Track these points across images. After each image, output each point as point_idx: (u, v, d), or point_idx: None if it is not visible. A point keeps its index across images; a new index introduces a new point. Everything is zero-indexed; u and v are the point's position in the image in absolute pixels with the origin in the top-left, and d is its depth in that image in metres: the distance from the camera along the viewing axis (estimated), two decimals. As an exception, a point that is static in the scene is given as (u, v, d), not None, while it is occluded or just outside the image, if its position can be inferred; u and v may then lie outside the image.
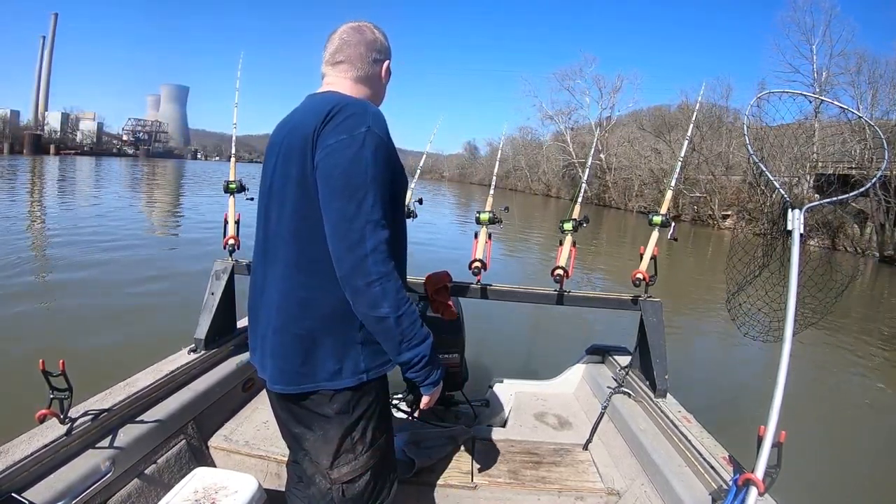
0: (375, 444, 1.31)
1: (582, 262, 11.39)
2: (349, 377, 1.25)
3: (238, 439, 2.06)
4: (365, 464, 1.29)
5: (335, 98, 1.23)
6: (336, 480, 1.28)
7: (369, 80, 1.37)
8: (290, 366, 1.25)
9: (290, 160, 1.22)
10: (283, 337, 1.26)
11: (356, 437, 1.28)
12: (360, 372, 1.26)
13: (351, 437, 1.28)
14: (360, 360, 1.25)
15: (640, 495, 1.83)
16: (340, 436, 1.27)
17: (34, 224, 12.70)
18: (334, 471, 1.28)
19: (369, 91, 1.38)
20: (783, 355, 1.40)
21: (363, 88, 1.36)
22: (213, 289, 2.31)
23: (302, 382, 1.25)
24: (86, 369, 2.26)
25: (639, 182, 36.62)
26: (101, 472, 1.52)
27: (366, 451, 1.29)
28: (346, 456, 1.28)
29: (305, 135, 1.18)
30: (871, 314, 10.49)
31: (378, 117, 1.21)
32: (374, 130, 1.17)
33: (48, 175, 33.53)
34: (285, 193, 1.23)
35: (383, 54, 1.39)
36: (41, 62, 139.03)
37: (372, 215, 1.13)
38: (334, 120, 1.17)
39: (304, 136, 1.19)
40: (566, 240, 2.45)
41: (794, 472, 1.73)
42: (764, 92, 1.87)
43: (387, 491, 1.37)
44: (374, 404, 1.30)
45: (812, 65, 27.57)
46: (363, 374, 1.26)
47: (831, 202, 1.73)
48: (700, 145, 29.77)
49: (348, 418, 1.27)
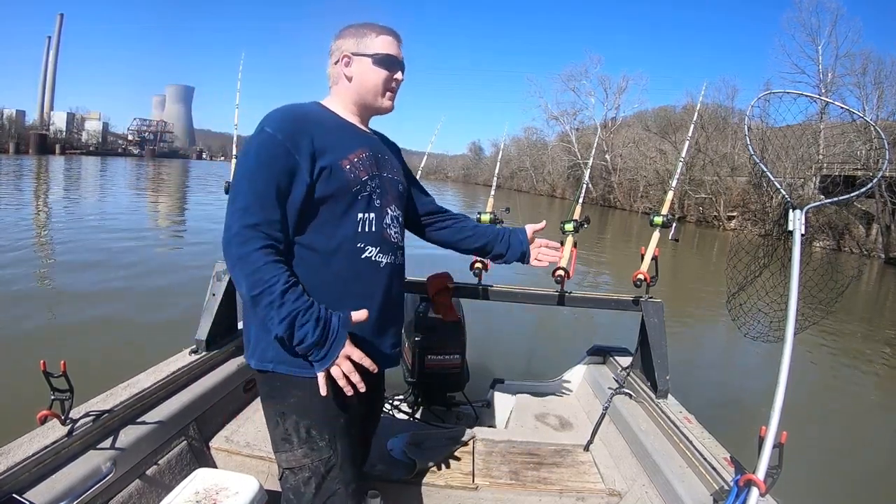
0: (314, 445, 1.31)
1: (587, 264, 11.38)
2: (253, 358, 1.33)
3: (239, 440, 2.06)
4: (300, 459, 1.31)
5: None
6: (279, 463, 1.34)
7: (335, 80, 1.45)
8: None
9: None
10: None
11: (288, 427, 1.31)
12: (266, 360, 1.30)
13: (281, 426, 1.32)
14: (268, 349, 1.29)
15: (642, 496, 1.82)
16: (270, 418, 1.35)
17: (39, 224, 12.79)
18: (277, 454, 1.35)
19: (342, 90, 1.44)
20: (784, 356, 1.40)
21: (336, 91, 1.46)
22: (213, 290, 2.31)
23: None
24: (87, 370, 2.26)
25: (644, 183, 36.56)
26: (102, 473, 1.52)
27: (301, 446, 1.31)
28: (283, 444, 1.32)
29: None
30: (876, 316, 10.45)
31: (274, 117, 1.29)
32: (267, 130, 1.26)
33: (54, 175, 33.77)
34: None
35: (339, 49, 1.42)
36: (47, 62, 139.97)
37: (236, 204, 1.21)
38: None
39: None
40: (567, 240, 2.45)
41: (796, 473, 1.72)
42: (765, 92, 1.86)
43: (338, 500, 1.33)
44: (308, 401, 1.30)
45: (817, 66, 27.56)
46: (269, 363, 1.30)
47: (831, 203, 1.72)
48: (705, 146, 29.72)
49: (273, 403, 1.33)
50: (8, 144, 78.31)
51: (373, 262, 1.35)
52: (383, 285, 1.38)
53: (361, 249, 1.33)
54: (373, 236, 1.35)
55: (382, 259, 1.37)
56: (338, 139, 1.34)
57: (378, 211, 1.37)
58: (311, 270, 1.28)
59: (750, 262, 1.82)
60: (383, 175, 1.41)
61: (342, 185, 1.29)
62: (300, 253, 1.28)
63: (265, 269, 1.17)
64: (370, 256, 1.34)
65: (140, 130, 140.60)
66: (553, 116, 53.18)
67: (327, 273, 1.30)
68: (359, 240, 1.33)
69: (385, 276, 1.38)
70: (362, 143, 1.40)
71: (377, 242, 1.36)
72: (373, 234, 1.35)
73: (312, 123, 1.31)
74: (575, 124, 50.84)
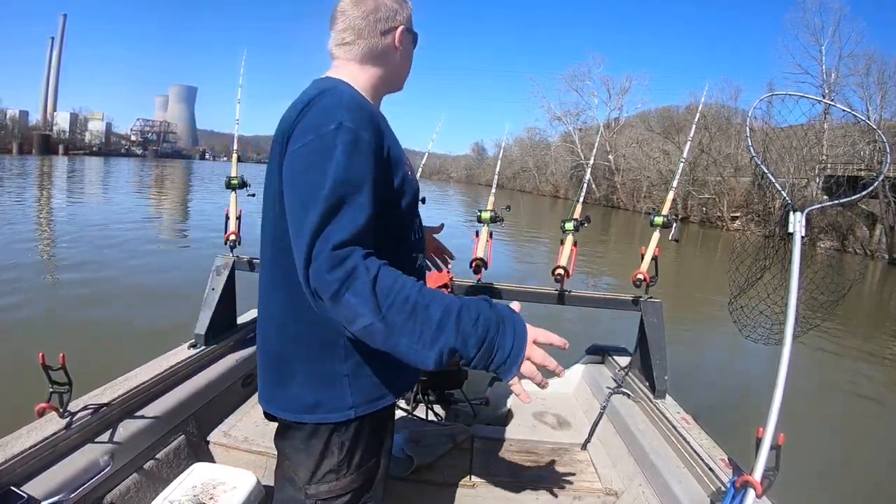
0: (363, 468, 1.15)
1: (590, 264, 11.37)
2: (328, 412, 1.08)
3: (237, 435, 2.07)
4: (347, 485, 1.13)
5: (320, 86, 1.08)
6: (312, 496, 1.12)
7: (377, 56, 1.17)
8: (266, 387, 1.15)
9: (272, 161, 1.08)
10: (261, 355, 1.16)
11: (342, 457, 1.11)
12: (347, 408, 1.08)
13: (334, 457, 1.11)
14: (348, 395, 1.08)
15: (638, 496, 1.83)
16: (320, 453, 1.11)
17: (41, 222, 12.85)
18: (311, 486, 1.12)
19: (380, 69, 1.19)
20: (783, 358, 1.40)
21: (371, 68, 1.18)
22: (213, 284, 2.32)
23: (279, 409, 1.12)
24: (86, 364, 2.27)
25: (647, 183, 36.54)
26: (101, 466, 1.52)
27: (350, 473, 1.12)
28: (328, 475, 1.11)
29: (283, 132, 1.04)
30: (880, 317, 10.42)
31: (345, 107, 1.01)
32: (346, 125, 0.97)
33: (57, 175, 33.85)
34: (269, 197, 1.10)
35: (391, 20, 1.17)
36: (50, 63, 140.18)
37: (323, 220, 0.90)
38: (305, 117, 1.01)
39: (282, 132, 1.04)
40: (567, 239, 2.45)
41: (793, 475, 1.72)
42: (766, 95, 1.86)
43: None
44: (366, 432, 1.13)
45: (821, 66, 27.52)
46: (350, 411, 1.08)
47: (832, 205, 1.72)
48: (709, 147, 29.67)
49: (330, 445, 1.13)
50: (11, 145, 78.55)
51: (420, 269, 1.24)
52: None
53: (416, 259, 1.21)
54: (419, 243, 1.23)
55: (423, 263, 1.28)
56: (395, 139, 1.13)
57: (419, 215, 1.24)
58: None
59: (751, 265, 1.82)
60: None
61: (414, 192, 1.14)
62: None
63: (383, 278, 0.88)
64: (420, 264, 1.24)
65: (143, 131, 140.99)
66: (556, 117, 53.40)
67: None
68: (413, 249, 1.20)
69: (424, 282, 1.23)
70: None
71: (421, 248, 1.25)
72: (419, 240, 1.23)
73: (378, 119, 1.07)
74: (578, 125, 50.98)
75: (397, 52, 1.20)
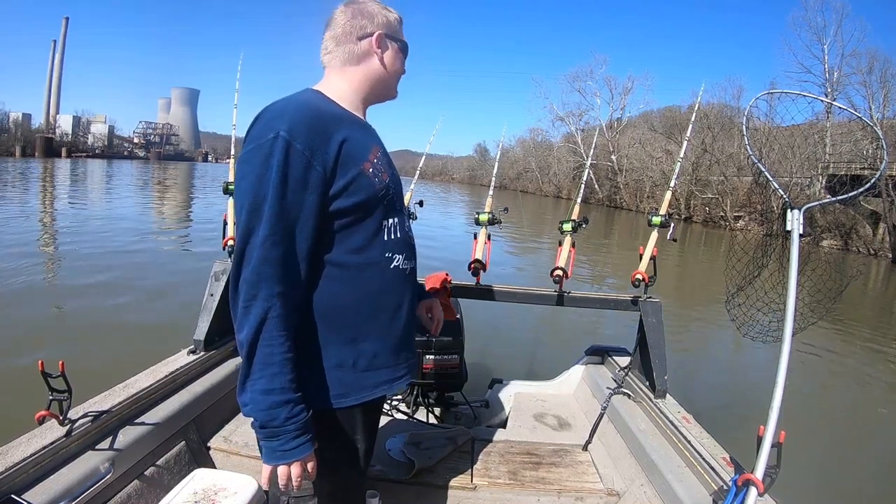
0: (333, 470, 1.19)
1: (591, 265, 11.35)
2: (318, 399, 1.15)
3: (238, 440, 2.07)
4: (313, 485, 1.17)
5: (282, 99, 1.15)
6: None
7: (355, 60, 1.24)
8: None
9: None
10: None
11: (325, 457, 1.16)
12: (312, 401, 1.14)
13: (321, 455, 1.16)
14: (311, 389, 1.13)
15: (640, 496, 1.82)
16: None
17: (44, 225, 12.92)
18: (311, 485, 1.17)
19: (359, 73, 1.24)
20: (782, 355, 1.39)
21: (351, 73, 1.24)
22: (212, 290, 2.31)
23: None
24: (85, 371, 2.27)
25: (650, 184, 36.48)
26: (101, 473, 1.52)
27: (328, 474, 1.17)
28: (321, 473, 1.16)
29: None
30: (883, 316, 10.38)
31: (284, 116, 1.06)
32: (281, 135, 1.03)
33: (60, 177, 33.97)
34: None
35: (367, 26, 1.23)
36: (52, 66, 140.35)
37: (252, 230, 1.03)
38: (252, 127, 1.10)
39: None
40: (565, 240, 2.45)
41: (795, 472, 1.71)
42: (762, 93, 1.86)
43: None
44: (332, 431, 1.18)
45: (824, 65, 27.47)
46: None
47: (830, 202, 1.72)
48: (711, 146, 29.62)
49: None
50: (14, 148, 78.76)
51: (400, 270, 1.24)
52: (410, 293, 1.28)
53: (390, 259, 1.22)
54: (397, 243, 1.23)
55: (407, 266, 1.27)
56: (355, 139, 1.15)
57: (399, 214, 1.25)
58: (342, 288, 1.15)
59: (749, 263, 1.82)
60: (394, 173, 1.26)
61: (369, 193, 1.15)
62: (329, 272, 1.14)
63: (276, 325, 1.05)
64: (398, 265, 1.23)
65: (145, 133, 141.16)
66: (559, 117, 53.42)
67: (359, 289, 1.17)
68: (387, 249, 1.21)
69: (410, 283, 1.29)
70: (373, 139, 1.23)
71: (402, 249, 1.25)
72: (398, 240, 1.24)
73: (328, 122, 1.11)
74: (581, 125, 50.95)
75: (376, 56, 1.25)
